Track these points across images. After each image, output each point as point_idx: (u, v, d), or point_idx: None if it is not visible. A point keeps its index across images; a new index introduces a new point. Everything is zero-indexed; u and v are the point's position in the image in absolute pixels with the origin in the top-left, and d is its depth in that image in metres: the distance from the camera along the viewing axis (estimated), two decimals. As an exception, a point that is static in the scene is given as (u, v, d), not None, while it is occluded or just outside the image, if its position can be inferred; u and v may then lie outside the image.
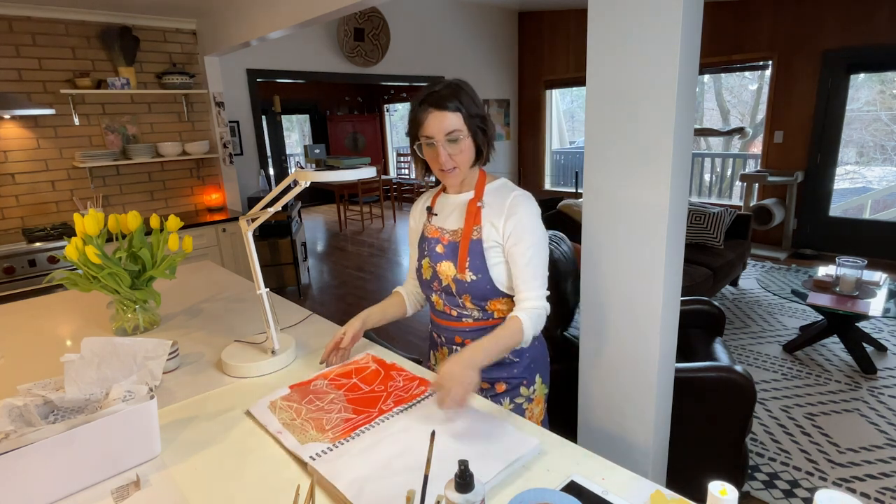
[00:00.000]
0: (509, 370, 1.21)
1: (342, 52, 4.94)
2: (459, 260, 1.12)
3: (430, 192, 1.28)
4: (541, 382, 1.26)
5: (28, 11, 3.14)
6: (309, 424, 0.98)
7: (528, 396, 1.23)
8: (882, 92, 5.29)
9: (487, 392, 1.21)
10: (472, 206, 1.14)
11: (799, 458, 2.13)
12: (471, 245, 1.12)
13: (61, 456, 0.81)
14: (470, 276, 1.12)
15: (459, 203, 1.18)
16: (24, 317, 1.73)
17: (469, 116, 1.07)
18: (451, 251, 1.15)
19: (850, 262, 2.86)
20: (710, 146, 7.30)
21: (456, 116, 1.05)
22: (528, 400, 1.23)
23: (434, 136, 1.06)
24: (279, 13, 2.77)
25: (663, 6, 1.23)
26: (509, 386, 1.21)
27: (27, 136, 3.27)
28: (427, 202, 1.27)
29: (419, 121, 1.08)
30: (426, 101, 1.07)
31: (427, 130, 1.07)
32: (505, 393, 1.21)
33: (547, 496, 0.70)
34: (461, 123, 1.06)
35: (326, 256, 5.92)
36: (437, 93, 1.06)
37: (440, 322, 1.24)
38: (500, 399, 1.21)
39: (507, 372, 1.21)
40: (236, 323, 1.57)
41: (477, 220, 1.13)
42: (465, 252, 1.12)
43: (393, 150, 10.09)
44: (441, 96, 1.05)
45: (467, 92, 1.08)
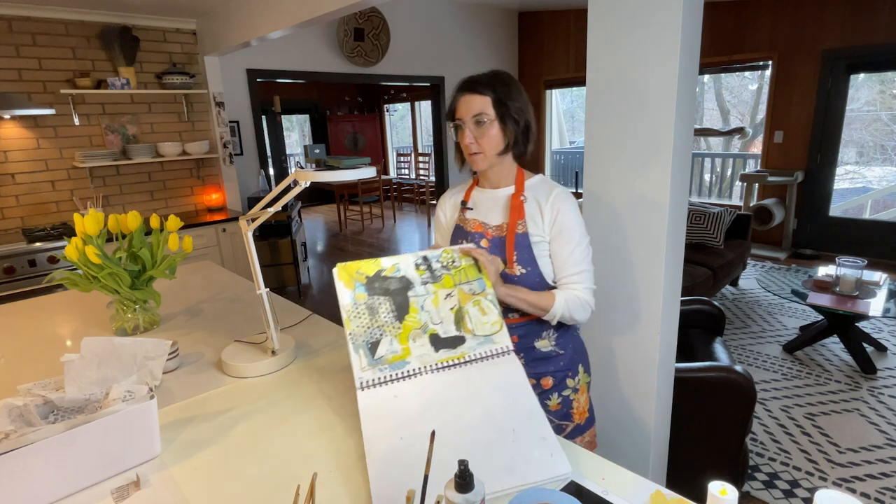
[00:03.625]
0: (555, 363, 1.19)
1: (342, 52, 4.94)
2: (507, 254, 1.12)
3: (461, 187, 1.27)
4: (583, 372, 1.24)
5: (28, 11, 3.14)
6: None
7: (574, 387, 1.22)
8: (882, 92, 5.29)
9: (534, 388, 1.17)
10: (514, 201, 1.13)
11: (799, 458, 2.13)
12: (517, 239, 1.11)
13: (61, 456, 0.81)
14: (519, 269, 1.11)
15: (500, 198, 1.17)
16: (24, 317, 1.73)
17: (499, 102, 1.07)
18: (496, 246, 1.14)
19: (850, 262, 2.86)
20: (710, 146, 7.30)
21: (484, 100, 1.06)
22: (574, 391, 1.22)
23: (462, 117, 1.08)
24: (279, 13, 2.77)
25: (663, 6, 1.23)
26: (556, 380, 1.19)
27: (27, 136, 3.27)
28: (460, 196, 1.25)
29: (453, 105, 1.11)
30: (461, 86, 1.10)
31: (458, 113, 1.09)
32: (552, 388, 1.19)
33: (547, 496, 0.70)
34: (489, 107, 1.06)
35: (326, 256, 5.92)
36: (473, 78, 1.09)
37: None
38: (549, 395, 1.19)
39: (553, 365, 1.18)
40: (236, 323, 1.57)
41: (521, 214, 1.12)
42: (511, 246, 1.11)
43: (393, 150, 10.09)
44: (475, 81, 1.08)
45: (505, 81, 1.09)
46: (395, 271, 1.02)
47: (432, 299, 1.01)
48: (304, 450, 0.93)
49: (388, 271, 1.02)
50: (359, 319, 0.99)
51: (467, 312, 1.01)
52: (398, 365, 0.96)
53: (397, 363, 0.96)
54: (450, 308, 1.01)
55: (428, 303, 1.01)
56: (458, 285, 1.03)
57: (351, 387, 1.15)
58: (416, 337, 0.99)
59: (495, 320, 1.02)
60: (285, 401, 1.11)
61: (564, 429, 1.20)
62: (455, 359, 0.98)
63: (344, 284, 1.00)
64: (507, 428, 0.90)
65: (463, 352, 0.99)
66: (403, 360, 0.97)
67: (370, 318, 0.99)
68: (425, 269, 1.03)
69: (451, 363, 0.98)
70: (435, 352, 0.98)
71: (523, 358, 1.15)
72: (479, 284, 1.04)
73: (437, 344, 0.99)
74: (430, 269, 1.03)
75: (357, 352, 0.96)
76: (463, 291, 1.03)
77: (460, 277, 1.04)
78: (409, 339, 0.98)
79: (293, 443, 0.95)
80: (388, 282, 1.02)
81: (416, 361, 0.97)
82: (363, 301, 1.00)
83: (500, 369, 0.98)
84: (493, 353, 0.99)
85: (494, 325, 1.01)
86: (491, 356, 0.99)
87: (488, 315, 1.02)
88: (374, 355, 0.97)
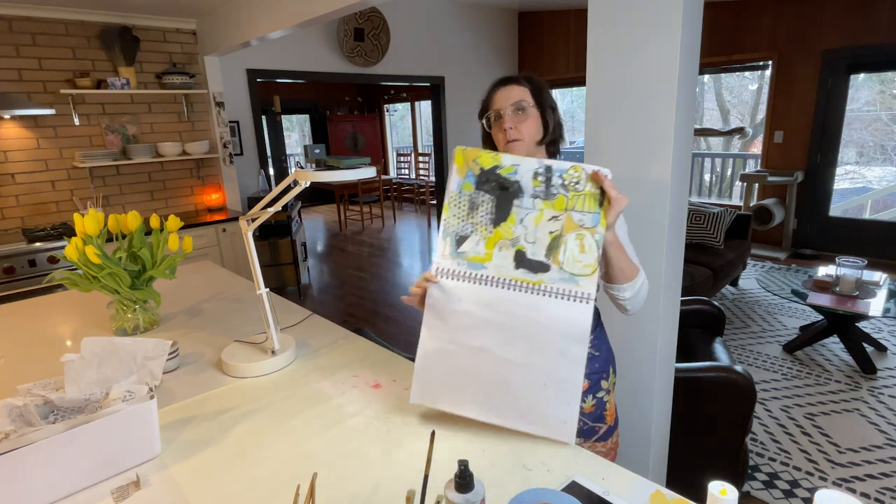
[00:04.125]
0: (591, 365, 1.16)
1: (342, 52, 4.94)
2: None
3: None
4: (612, 373, 1.23)
5: (28, 11, 3.14)
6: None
7: (607, 389, 1.20)
8: (882, 92, 5.29)
9: None
10: None
11: (799, 458, 2.13)
12: None
13: (61, 456, 0.81)
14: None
15: None
16: (24, 317, 1.73)
17: (537, 92, 1.09)
18: None
19: (850, 262, 2.86)
20: (710, 146, 7.30)
21: (522, 89, 1.08)
22: (607, 392, 1.20)
23: (501, 107, 1.08)
24: (279, 13, 2.77)
25: (663, 6, 1.23)
26: (591, 382, 1.16)
27: (27, 136, 3.27)
28: None
29: (488, 100, 1.12)
30: (497, 82, 1.12)
31: (494, 105, 1.10)
32: (588, 391, 1.16)
33: (547, 496, 0.70)
34: (528, 96, 1.08)
35: (326, 256, 5.92)
36: (508, 76, 1.12)
37: None
38: (584, 397, 1.15)
39: (589, 367, 1.15)
40: (236, 323, 1.57)
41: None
42: None
43: (393, 150, 10.09)
44: (511, 76, 1.11)
45: (538, 79, 1.12)
46: (511, 172, 0.95)
47: (535, 216, 0.94)
48: (304, 450, 0.93)
49: (504, 170, 0.95)
50: (457, 209, 0.96)
51: (565, 243, 0.93)
52: (476, 266, 0.94)
53: (475, 264, 0.94)
54: (549, 232, 0.94)
55: (529, 219, 0.94)
56: (570, 211, 0.94)
57: (351, 387, 1.15)
58: (503, 247, 0.94)
59: (590, 263, 0.92)
60: (285, 401, 1.11)
61: (597, 431, 1.18)
62: (531, 283, 0.92)
63: (457, 168, 0.96)
64: (539, 379, 0.91)
65: (542, 280, 0.93)
66: (482, 264, 0.94)
67: (468, 212, 0.96)
68: (542, 182, 0.94)
69: (524, 285, 0.93)
70: (514, 269, 0.94)
71: None
72: (592, 219, 0.93)
73: (521, 262, 0.94)
74: (548, 183, 0.94)
75: (445, 238, 0.96)
76: (571, 219, 0.93)
77: (575, 203, 0.94)
78: (495, 245, 0.95)
79: (293, 443, 0.95)
80: (500, 182, 0.95)
81: (493, 269, 0.94)
82: (468, 193, 0.96)
83: (569, 314, 0.91)
84: (571, 294, 0.92)
85: (587, 267, 0.92)
86: (568, 296, 0.91)
87: (586, 255, 0.92)
88: (457, 248, 0.95)
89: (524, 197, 0.94)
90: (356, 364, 1.26)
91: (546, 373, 0.91)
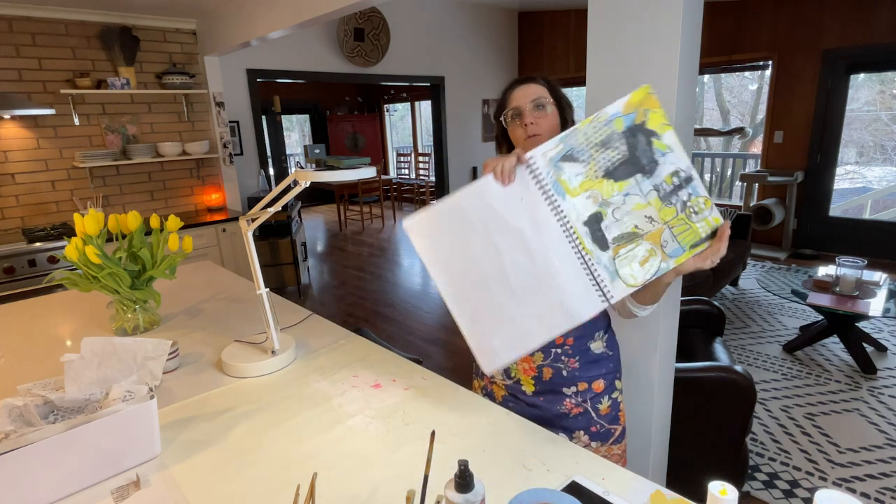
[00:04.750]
0: (606, 365, 1.15)
1: (342, 52, 4.94)
2: None
3: None
4: (622, 374, 1.23)
5: (28, 11, 3.14)
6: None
7: (620, 389, 1.19)
8: (882, 92, 5.29)
9: (586, 394, 1.12)
10: None
11: (799, 458, 2.13)
12: None
13: (61, 456, 0.81)
14: None
15: None
16: (24, 317, 1.73)
17: (553, 90, 1.11)
18: None
19: (850, 262, 2.86)
20: (710, 146, 7.30)
21: (540, 87, 1.09)
22: (620, 392, 1.19)
23: (520, 104, 1.09)
24: (279, 13, 2.77)
25: (663, 6, 1.23)
26: (607, 382, 1.15)
27: (27, 136, 3.27)
28: None
29: (505, 99, 1.13)
30: (514, 81, 1.13)
31: (513, 103, 1.10)
32: (603, 392, 1.15)
33: (547, 496, 0.70)
34: (546, 93, 1.09)
35: (326, 256, 5.92)
36: (525, 76, 1.13)
37: None
38: (600, 398, 1.14)
39: (604, 368, 1.14)
40: (236, 323, 1.57)
41: None
42: None
43: (393, 150, 10.09)
44: (528, 76, 1.12)
45: (553, 80, 1.14)
46: (659, 152, 0.86)
47: (639, 203, 0.86)
48: (304, 450, 0.93)
49: (656, 144, 0.85)
50: (593, 132, 0.86)
51: (637, 245, 0.86)
52: (559, 190, 0.86)
53: (560, 190, 0.86)
54: (635, 224, 0.86)
55: (633, 200, 0.86)
56: (667, 226, 0.86)
57: (351, 387, 1.15)
58: (593, 198, 0.86)
59: (638, 280, 0.86)
60: (285, 401, 1.11)
61: (613, 433, 1.16)
62: (581, 244, 0.86)
63: (627, 102, 0.86)
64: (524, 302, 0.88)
65: (591, 251, 0.86)
66: (564, 193, 0.86)
67: (597, 145, 0.86)
68: (673, 184, 0.86)
69: (575, 240, 0.86)
70: (582, 223, 0.86)
71: (578, 361, 1.10)
72: (675, 250, 0.86)
73: (591, 223, 0.86)
74: (676, 189, 0.86)
75: (559, 144, 0.86)
76: (660, 234, 0.86)
77: (676, 225, 0.86)
78: (588, 191, 0.86)
79: (293, 443, 0.95)
80: (644, 148, 0.86)
81: (569, 208, 0.86)
82: (614, 130, 0.86)
83: (582, 293, 0.86)
84: (600, 283, 0.87)
85: (633, 279, 0.86)
86: (596, 282, 0.87)
87: (642, 270, 0.86)
88: (558, 160, 0.86)
89: (648, 179, 0.86)
90: (356, 364, 1.26)
91: (530, 305, 0.88)
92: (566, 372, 1.10)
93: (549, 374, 1.10)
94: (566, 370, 1.09)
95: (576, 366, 1.09)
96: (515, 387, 1.14)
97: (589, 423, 1.12)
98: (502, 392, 1.17)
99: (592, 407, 1.12)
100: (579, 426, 1.12)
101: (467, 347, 0.90)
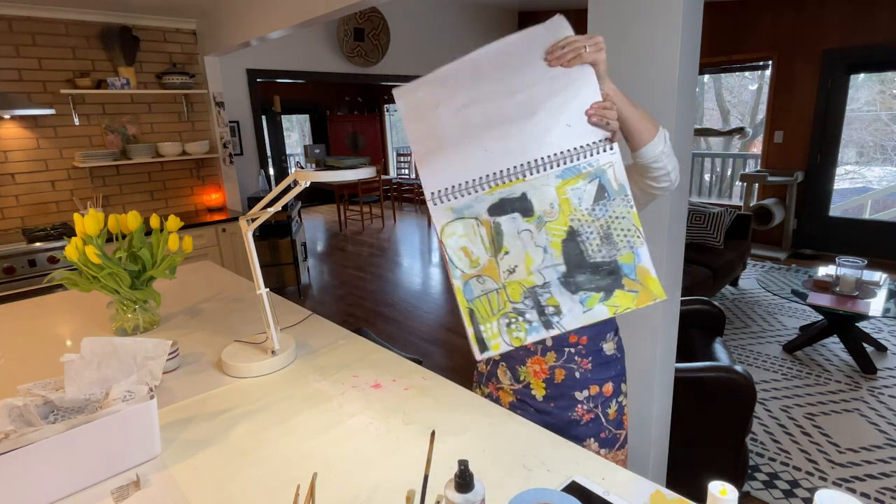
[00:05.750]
0: (615, 367, 1.13)
1: (342, 52, 4.94)
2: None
3: None
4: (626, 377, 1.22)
5: (28, 11, 3.14)
6: None
7: (625, 392, 1.18)
8: (882, 92, 5.29)
9: (597, 398, 1.10)
10: None
11: (799, 458, 2.13)
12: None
13: (61, 456, 0.81)
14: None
15: None
16: (24, 317, 1.73)
17: None
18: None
19: (850, 262, 2.86)
20: (710, 146, 7.30)
21: None
22: (625, 396, 1.18)
23: None
24: (279, 13, 2.77)
25: (663, 6, 1.23)
26: (615, 385, 1.14)
27: (27, 136, 3.27)
28: None
29: None
30: None
31: None
32: (612, 395, 1.13)
33: (547, 496, 0.70)
34: None
35: (326, 256, 5.92)
36: None
37: None
38: (609, 402, 1.13)
39: (613, 370, 1.13)
40: (236, 323, 1.57)
41: None
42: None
43: (393, 150, 10.08)
44: None
45: None
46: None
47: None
48: (304, 450, 0.93)
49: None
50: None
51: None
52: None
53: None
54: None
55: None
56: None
57: (351, 387, 1.15)
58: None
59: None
60: (285, 401, 1.11)
61: (619, 438, 1.15)
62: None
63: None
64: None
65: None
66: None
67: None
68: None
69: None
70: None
71: (591, 362, 1.09)
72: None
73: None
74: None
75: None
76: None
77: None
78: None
79: (293, 443, 0.95)
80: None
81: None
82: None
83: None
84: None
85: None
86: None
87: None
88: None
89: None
90: (356, 364, 1.26)
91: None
92: (579, 374, 1.08)
93: (561, 375, 1.08)
94: (579, 371, 1.08)
95: (588, 367, 1.08)
96: (525, 391, 1.12)
97: (599, 430, 1.10)
98: (510, 398, 1.15)
99: (602, 412, 1.11)
100: (590, 434, 1.10)
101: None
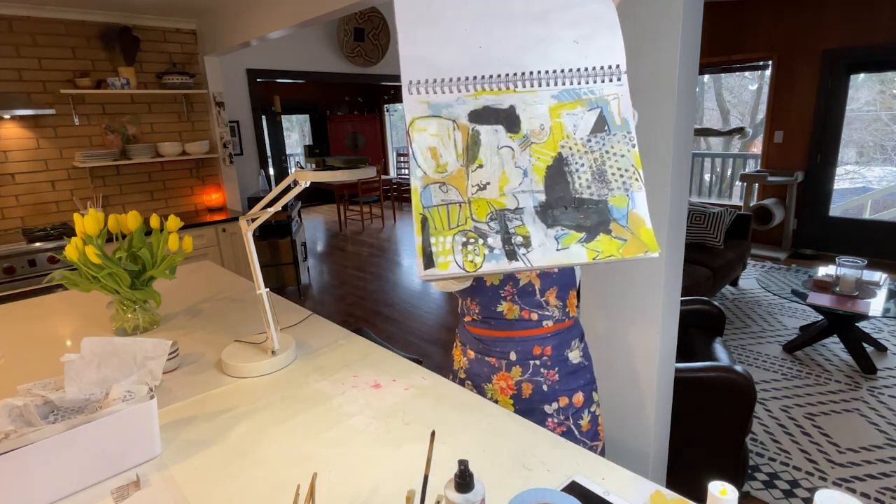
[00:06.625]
0: (583, 375, 1.11)
1: (342, 52, 4.94)
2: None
3: None
4: (597, 386, 1.21)
5: (28, 11, 3.14)
6: None
7: (597, 401, 1.16)
8: (882, 92, 5.29)
9: (567, 409, 1.08)
10: None
11: (799, 458, 2.13)
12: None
13: (61, 456, 0.81)
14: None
15: None
16: (25, 317, 1.72)
17: None
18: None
19: (850, 262, 2.86)
20: (710, 146, 7.30)
21: None
22: (598, 405, 1.16)
23: None
24: (279, 13, 2.77)
25: (663, 6, 1.23)
26: (585, 394, 1.12)
27: (27, 136, 3.27)
28: None
29: None
30: None
31: None
32: (583, 406, 1.11)
33: (547, 496, 0.70)
34: None
35: (326, 256, 5.92)
36: None
37: (515, 334, 1.08)
38: (581, 413, 1.11)
39: (582, 378, 1.11)
40: (236, 323, 1.57)
41: None
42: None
43: (393, 149, 10.08)
44: None
45: None
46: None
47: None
48: (304, 450, 0.93)
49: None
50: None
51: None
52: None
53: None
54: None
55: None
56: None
57: (351, 387, 1.15)
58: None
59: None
60: (285, 401, 1.11)
61: (595, 450, 1.13)
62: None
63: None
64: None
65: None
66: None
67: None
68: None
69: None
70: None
71: (558, 373, 1.08)
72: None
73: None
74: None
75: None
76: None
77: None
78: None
79: (293, 443, 0.95)
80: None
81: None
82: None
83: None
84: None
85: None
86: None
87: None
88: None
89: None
90: (356, 364, 1.26)
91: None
92: (546, 386, 1.07)
93: (528, 390, 1.07)
94: (546, 384, 1.07)
95: (556, 378, 1.07)
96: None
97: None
98: None
99: (574, 424, 1.09)
100: None
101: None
